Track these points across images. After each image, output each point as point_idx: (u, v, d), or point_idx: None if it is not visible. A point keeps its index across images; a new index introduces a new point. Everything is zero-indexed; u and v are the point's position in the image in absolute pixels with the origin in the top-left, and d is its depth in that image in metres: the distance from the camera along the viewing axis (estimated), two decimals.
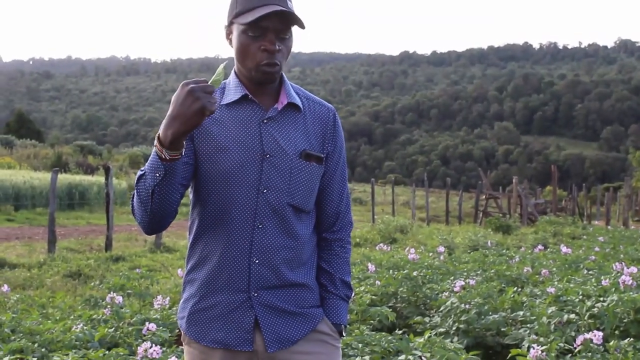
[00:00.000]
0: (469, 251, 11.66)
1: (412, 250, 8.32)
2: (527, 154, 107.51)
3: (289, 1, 1.90)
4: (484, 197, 28.14)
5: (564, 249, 9.30)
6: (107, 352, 3.77)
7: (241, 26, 1.89)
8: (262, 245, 1.94)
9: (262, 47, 1.89)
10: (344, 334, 2.12)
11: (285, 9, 1.85)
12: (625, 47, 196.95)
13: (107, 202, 12.50)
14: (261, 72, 1.91)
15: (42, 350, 4.07)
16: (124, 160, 38.92)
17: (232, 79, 2.00)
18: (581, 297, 5.00)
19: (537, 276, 7.10)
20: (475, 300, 5.17)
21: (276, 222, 1.95)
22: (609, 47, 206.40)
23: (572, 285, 5.64)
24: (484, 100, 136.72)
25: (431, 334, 4.29)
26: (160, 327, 4.20)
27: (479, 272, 7.46)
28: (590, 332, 3.61)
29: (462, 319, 4.92)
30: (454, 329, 4.92)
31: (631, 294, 4.53)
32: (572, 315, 4.48)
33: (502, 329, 4.84)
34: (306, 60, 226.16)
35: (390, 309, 5.32)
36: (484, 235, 14.33)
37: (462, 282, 5.48)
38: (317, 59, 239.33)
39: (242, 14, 1.88)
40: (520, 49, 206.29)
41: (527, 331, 4.50)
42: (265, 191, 1.93)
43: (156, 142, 1.75)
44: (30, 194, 21.94)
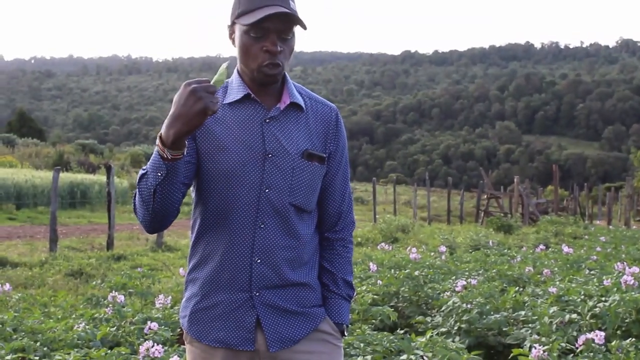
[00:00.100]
0: (471, 251, 11.65)
1: (414, 249, 8.31)
2: (529, 154, 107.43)
3: (291, 1, 1.89)
4: (485, 196, 28.12)
5: (565, 248, 9.28)
6: (108, 351, 3.76)
7: (243, 27, 1.89)
8: (264, 244, 1.93)
9: (264, 48, 1.88)
10: (346, 334, 2.12)
11: (287, 11, 1.85)
12: (627, 46, 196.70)
13: (109, 201, 12.53)
14: (263, 73, 1.90)
15: (44, 349, 4.07)
16: (125, 159, 38.92)
17: (234, 78, 2.00)
18: (583, 297, 4.99)
19: (539, 276, 7.09)
20: (476, 300, 5.16)
21: (278, 222, 1.95)
22: (611, 46, 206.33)
23: (573, 285, 5.63)
24: (485, 99, 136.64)
25: (433, 333, 4.29)
26: (162, 326, 4.20)
27: (480, 272, 7.45)
28: (592, 332, 3.59)
29: (464, 318, 4.91)
30: (456, 328, 4.91)
31: (633, 294, 4.52)
32: (574, 315, 4.47)
33: (504, 329, 4.84)
34: (308, 59, 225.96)
35: (391, 309, 5.31)
36: (486, 234, 14.30)
37: (464, 282, 5.47)
38: (318, 58, 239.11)
39: (244, 15, 1.88)
40: (521, 48, 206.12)
41: (529, 331, 4.50)
42: (267, 191, 1.93)
43: (158, 141, 1.75)
44: (31, 193, 21.97)
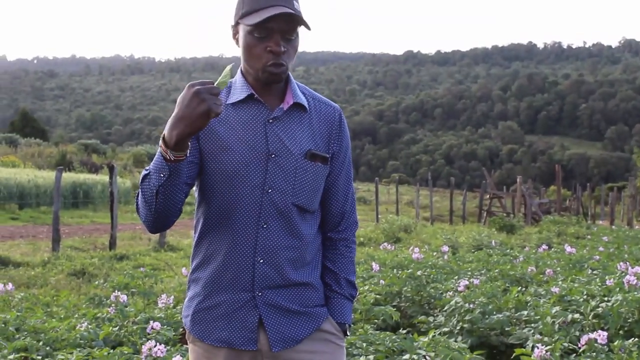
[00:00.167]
0: (473, 251, 11.64)
1: (416, 249, 8.31)
2: (531, 154, 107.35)
3: (295, 2, 1.89)
4: (488, 196, 28.12)
5: (568, 248, 9.28)
6: (111, 350, 3.76)
7: (247, 27, 1.89)
8: (267, 244, 1.94)
9: (268, 48, 1.88)
10: (348, 333, 2.12)
11: (291, 11, 1.85)
12: (629, 46, 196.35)
13: (112, 201, 12.56)
14: (267, 73, 1.91)
15: (47, 348, 4.08)
16: (128, 159, 38.89)
17: (238, 78, 2.00)
18: (585, 296, 4.99)
19: (541, 276, 7.08)
20: (479, 299, 5.16)
21: (281, 222, 1.95)
22: (614, 46, 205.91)
23: (576, 285, 5.62)
24: (488, 99, 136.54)
25: (435, 333, 4.28)
26: (164, 326, 4.20)
27: (483, 272, 7.44)
28: (594, 332, 3.59)
29: (466, 318, 4.91)
30: (458, 328, 4.91)
31: (636, 293, 4.52)
32: (577, 315, 4.47)
33: (506, 329, 4.83)
34: (310, 59, 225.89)
35: (394, 309, 5.31)
36: (488, 234, 14.30)
37: (466, 282, 5.47)
38: (321, 58, 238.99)
39: (248, 15, 1.88)
40: (524, 48, 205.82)
41: (532, 331, 4.50)
42: (270, 191, 1.93)
43: (161, 142, 1.75)
44: (34, 193, 21.97)
